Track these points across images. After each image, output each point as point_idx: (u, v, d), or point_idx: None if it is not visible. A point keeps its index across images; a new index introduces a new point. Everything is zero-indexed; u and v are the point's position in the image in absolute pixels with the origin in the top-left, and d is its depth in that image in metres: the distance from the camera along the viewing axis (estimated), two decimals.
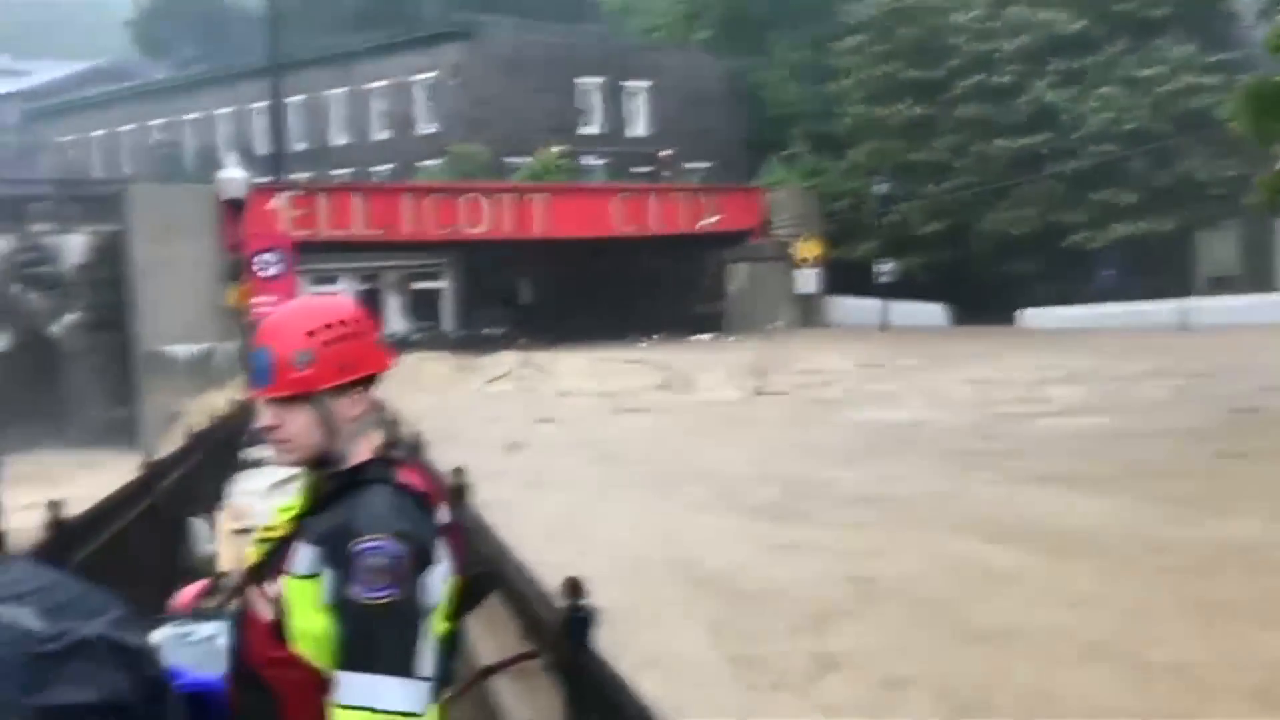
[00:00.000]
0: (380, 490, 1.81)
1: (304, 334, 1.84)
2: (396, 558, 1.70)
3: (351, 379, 1.86)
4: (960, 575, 8.59)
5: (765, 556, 9.46)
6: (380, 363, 1.92)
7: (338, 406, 1.86)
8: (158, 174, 34.89)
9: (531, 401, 20.65)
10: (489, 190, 32.15)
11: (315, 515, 1.84)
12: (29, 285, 26.14)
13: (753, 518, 10.88)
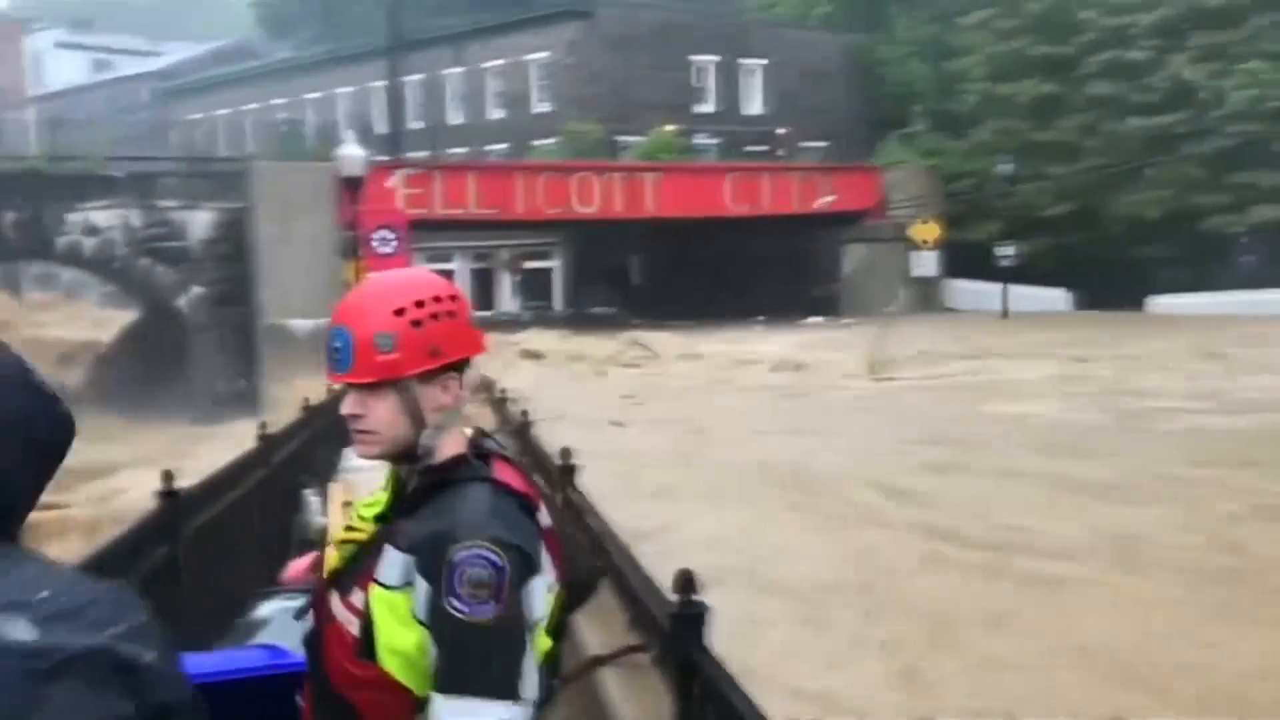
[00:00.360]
0: (478, 490, 1.63)
1: (390, 312, 1.65)
2: (499, 568, 1.53)
3: (442, 364, 1.68)
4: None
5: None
6: (474, 346, 1.73)
7: (426, 394, 1.68)
8: (279, 152, 35.65)
9: (642, 381, 20.40)
10: (601, 169, 32.08)
11: (404, 517, 1.66)
12: (157, 259, 27.01)
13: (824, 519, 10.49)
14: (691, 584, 2.53)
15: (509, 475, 1.69)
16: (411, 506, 1.65)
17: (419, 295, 1.67)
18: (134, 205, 26.72)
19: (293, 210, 26.21)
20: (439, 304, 1.67)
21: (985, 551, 8.83)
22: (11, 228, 25.90)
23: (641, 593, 3.07)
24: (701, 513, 10.47)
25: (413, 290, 1.68)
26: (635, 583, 3.17)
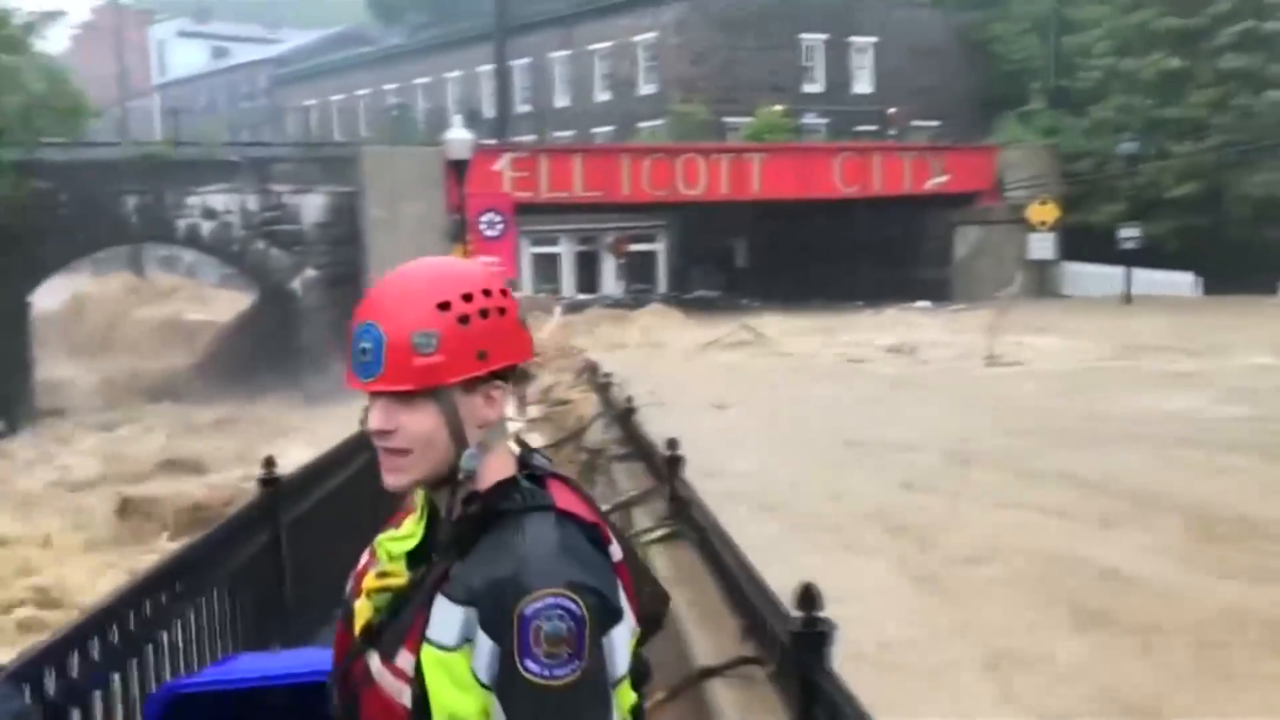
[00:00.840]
0: (541, 523, 1.37)
1: (433, 307, 1.38)
2: (579, 619, 1.29)
3: (490, 371, 1.40)
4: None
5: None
6: (524, 350, 1.46)
7: (468, 406, 1.40)
8: (390, 137, 36.21)
9: (750, 365, 19.96)
10: (706, 151, 31.78)
11: (451, 558, 1.39)
12: (272, 242, 27.64)
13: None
14: (814, 599, 2.31)
15: (571, 500, 1.42)
16: (460, 545, 1.39)
17: (467, 287, 1.40)
18: (250, 189, 27.39)
19: (401, 194, 26.58)
20: (489, 299, 1.40)
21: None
22: (134, 212, 26.77)
23: (757, 602, 2.86)
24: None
25: (459, 281, 1.41)
26: (750, 591, 2.96)
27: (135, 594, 3.07)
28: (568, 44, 42.58)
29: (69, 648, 2.60)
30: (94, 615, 2.84)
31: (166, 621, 3.33)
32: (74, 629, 2.71)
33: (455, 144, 18.65)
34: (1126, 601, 7.23)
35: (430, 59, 47.67)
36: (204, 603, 3.81)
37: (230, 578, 4.07)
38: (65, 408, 27.34)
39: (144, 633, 3.09)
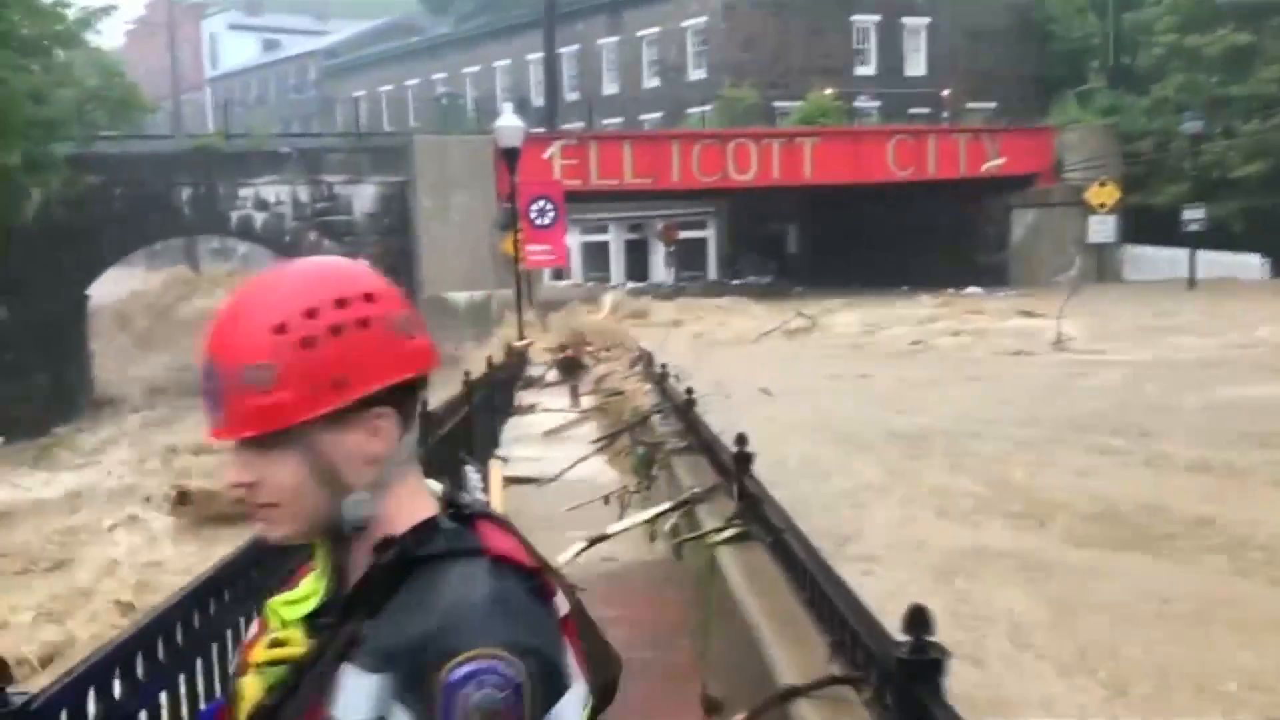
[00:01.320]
0: (469, 571, 1.09)
1: (267, 331, 1.10)
2: (516, 687, 1.03)
3: (354, 399, 1.11)
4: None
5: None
6: (403, 364, 1.14)
7: (342, 444, 1.12)
8: (439, 126, 36.20)
9: (808, 353, 19.52)
10: (757, 136, 31.43)
11: (360, 617, 1.10)
12: (324, 233, 27.71)
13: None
14: (925, 622, 2.06)
15: (504, 543, 1.13)
16: (371, 601, 1.10)
17: (311, 300, 1.10)
18: (301, 180, 27.48)
19: (451, 183, 26.54)
20: (343, 310, 1.10)
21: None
22: (188, 204, 26.96)
23: (850, 617, 2.61)
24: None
25: (302, 293, 1.11)
26: (842, 604, 2.71)
27: (181, 606, 2.89)
28: (616, 30, 42.34)
29: (114, 664, 2.44)
30: (144, 626, 2.68)
31: (217, 632, 3.16)
32: (122, 643, 2.54)
33: (506, 131, 18.48)
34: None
35: (478, 48, 47.66)
36: (254, 611, 3.63)
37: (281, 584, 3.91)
38: (123, 399, 27.64)
39: (192, 645, 2.92)
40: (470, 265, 25.95)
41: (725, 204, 37.07)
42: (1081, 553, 7.91)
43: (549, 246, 22.28)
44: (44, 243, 23.49)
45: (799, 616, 3.28)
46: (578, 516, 7.78)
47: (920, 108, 37.95)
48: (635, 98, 41.36)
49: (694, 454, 6.40)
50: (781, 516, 3.86)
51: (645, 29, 41.39)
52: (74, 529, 14.52)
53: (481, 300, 25.85)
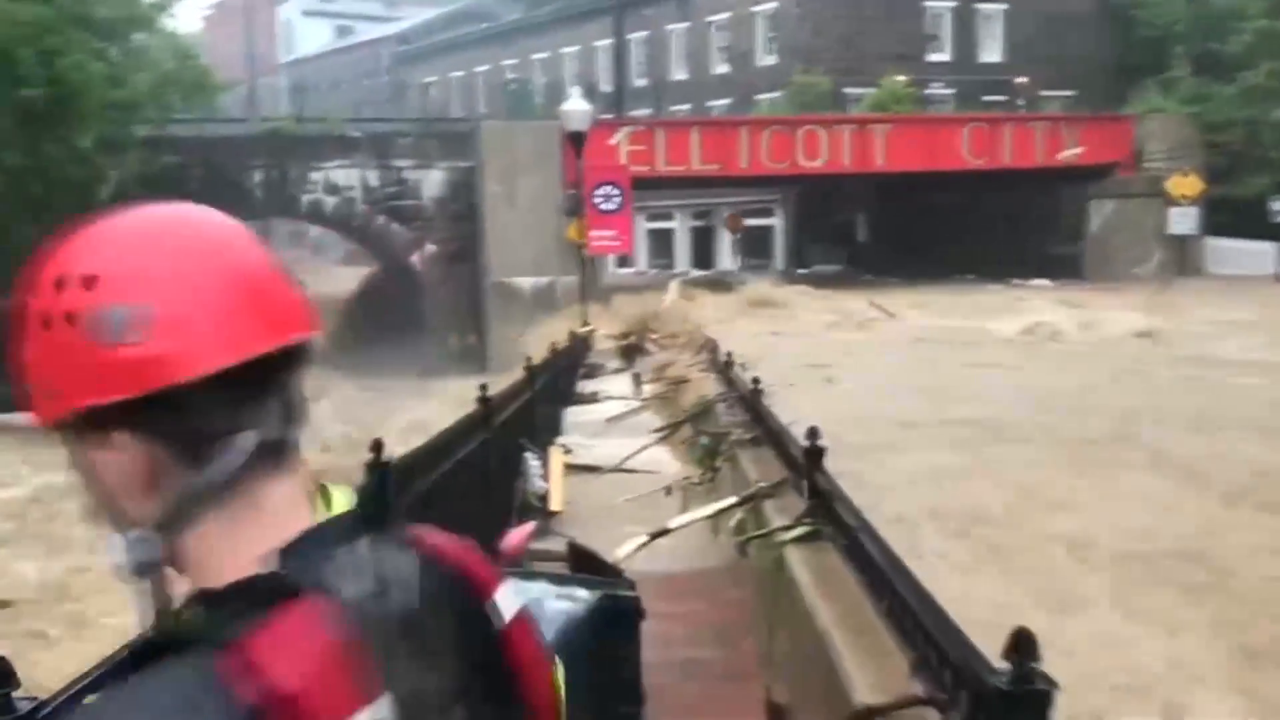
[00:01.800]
0: (167, 681, 0.78)
1: (50, 288, 0.85)
2: None
3: (69, 413, 0.85)
4: None
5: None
6: (117, 381, 0.82)
7: (105, 465, 0.86)
8: (508, 112, 36.26)
9: (879, 343, 18.88)
10: (827, 122, 30.94)
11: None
12: (392, 217, 27.86)
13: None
14: (1032, 647, 1.83)
15: (286, 648, 0.79)
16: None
17: (33, 281, 0.86)
18: (371, 165, 27.64)
19: (518, 169, 26.50)
20: (59, 296, 0.84)
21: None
22: (260, 187, 27.25)
23: (937, 635, 2.39)
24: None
25: (36, 270, 0.87)
26: (926, 618, 2.49)
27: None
28: (686, 16, 41.98)
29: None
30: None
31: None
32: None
33: (573, 115, 18.34)
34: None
35: (548, 34, 47.59)
36: None
37: None
38: None
39: None
40: (536, 251, 25.91)
41: (793, 192, 36.62)
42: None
43: (614, 232, 22.12)
44: None
45: (875, 626, 3.06)
46: (638, 508, 7.61)
47: (995, 95, 37.11)
48: (704, 84, 41.00)
49: (760, 446, 6.18)
50: (856, 516, 3.63)
51: (715, 14, 41.00)
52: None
53: (546, 286, 25.80)
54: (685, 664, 4.96)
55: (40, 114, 19.59)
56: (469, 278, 27.37)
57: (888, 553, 3.12)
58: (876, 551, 3.21)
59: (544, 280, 25.83)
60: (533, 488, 7.95)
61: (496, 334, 25.43)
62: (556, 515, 7.74)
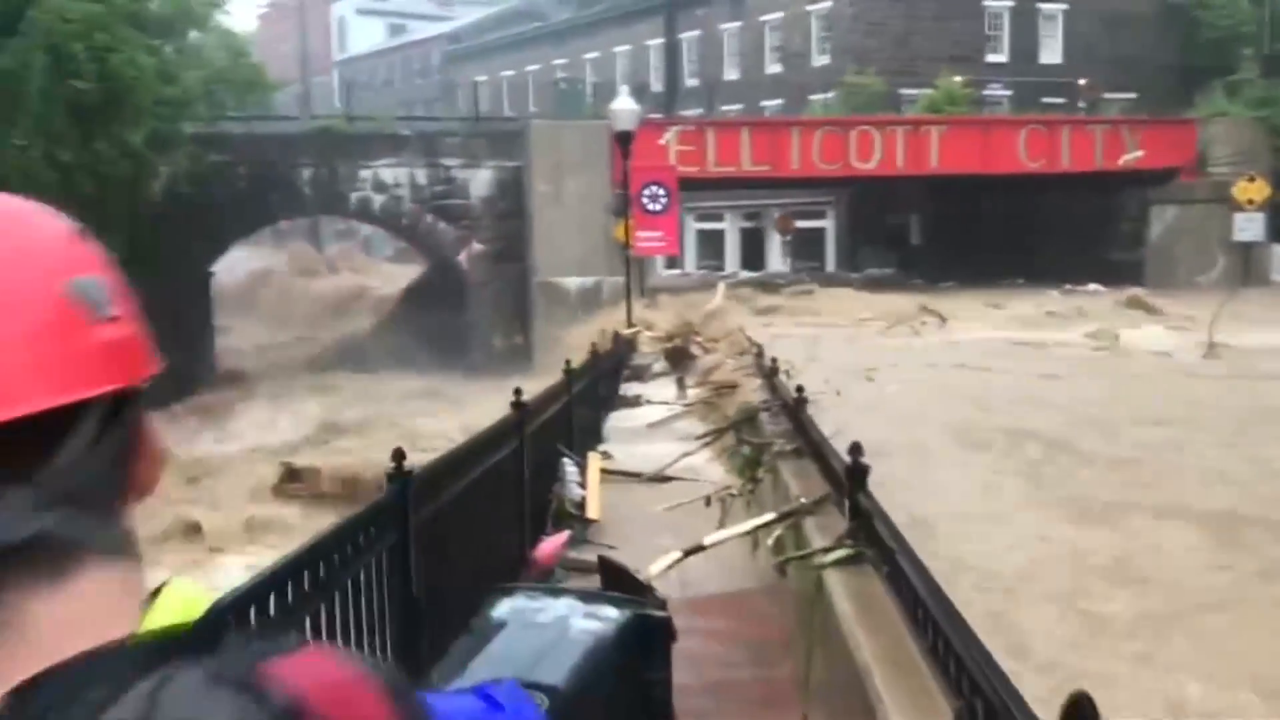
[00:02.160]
0: None
1: None
2: None
3: None
4: None
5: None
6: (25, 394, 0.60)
7: None
8: (557, 111, 36.16)
9: (931, 350, 17.93)
10: (881, 123, 30.49)
11: None
12: (440, 216, 27.84)
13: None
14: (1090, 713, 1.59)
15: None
16: None
17: None
18: (419, 163, 27.65)
19: (566, 168, 26.37)
20: None
21: None
22: (308, 184, 27.35)
23: (984, 684, 2.13)
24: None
25: None
26: (972, 664, 2.23)
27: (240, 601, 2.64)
28: (739, 15, 41.66)
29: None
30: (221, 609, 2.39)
31: (298, 618, 3.00)
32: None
33: (621, 114, 18.13)
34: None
35: (599, 33, 47.47)
36: (322, 610, 3.36)
37: (352, 584, 3.61)
38: (244, 375, 28.29)
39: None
40: (583, 251, 25.76)
41: (845, 193, 36.17)
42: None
43: (661, 233, 21.88)
44: (169, 219, 24.01)
45: (917, 664, 2.82)
46: (676, 517, 7.38)
47: (1054, 97, 36.38)
48: (756, 84, 40.65)
49: (803, 458, 5.94)
50: (899, 541, 3.38)
51: (768, 14, 40.63)
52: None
53: (592, 287, 25.64)
54: (718, 687, 4.74)
55: (91, 110, 19.75)
56: (515, 277, 27.29)
57: (931, 585, 2.88)
58: (920, 582, 2.96)
59: (590, 281, 25.66)
60: (569, 494, 7.75)
61: (542, 334, 25.31)
62: (593, 523, 7.55)
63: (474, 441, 5.38)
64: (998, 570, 6.78)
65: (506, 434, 6.10)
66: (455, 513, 4.86)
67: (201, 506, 15.37)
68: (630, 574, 4.53)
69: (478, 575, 5.14)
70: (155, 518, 13.58)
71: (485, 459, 5.51)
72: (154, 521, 13.45)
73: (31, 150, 19.00)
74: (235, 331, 32.48)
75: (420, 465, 4.45)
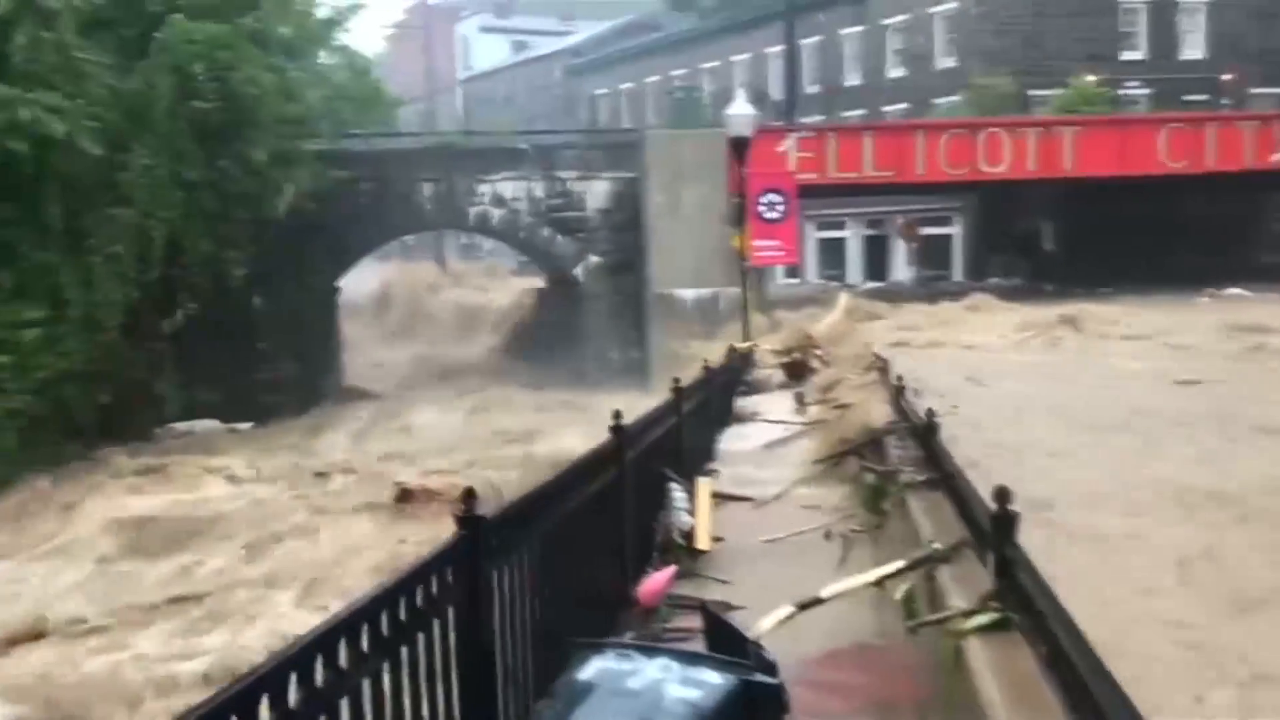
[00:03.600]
0: None
1: None
2: None
3: None
4: None
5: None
6: None
7: None
8: (674, 120, 35.81)
9: (1072, 364, 16.02)
10: (1011, 126, 29.23)
11: None
12: (557, 229, 27.71)
13: None
14: None
15: None
16: None
17: None
18: (537, 177, 27.60)
19: (683, 178, 25.98)
20: None
21: None
22: (429, 199, 27.53)
23: None
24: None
25: None
26: None
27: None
28: (860, 20, 40.74)
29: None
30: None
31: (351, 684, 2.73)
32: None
33: (737, 120, 17.57)
34: None
35: (718, 43, 47.03)
36: (385, 670, 2.96)
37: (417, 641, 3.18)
38: (369, 388, 28.61)
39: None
40: (699, 262, 25.30)
41: (973, 199, 34.91)
42: None
43: (779, 242, 21.18)
44: (294, 235, 24.40)
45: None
46: (792, 549, 6.80)
47: (1196, 94, 34.46)
48: (878, 88, 39.63)
49: (936, 490, 5.30)
50: (1059, 613, 2.77)
51: (891, 17, 39.60)
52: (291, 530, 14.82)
53: (709, 298, 25.14)
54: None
55: (215, 129, 20.13)
56: (631, 289, 26.99)
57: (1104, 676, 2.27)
58: (1089, 671, 2.36)
59: (707, 292, 25.16)
60: (677, 523, 7.22)
61: (658, 347, 24.90)
62: (702, 555, 7.01)
63: (566, 472, 4.90)
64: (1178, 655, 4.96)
65: (604, 461, 5.62)
66: (541, 553, 4.39)
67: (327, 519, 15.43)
68: (736, 630, 3.98)
69: (569, 618, 4.66)
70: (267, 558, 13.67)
71: (579, 490, 5.03)
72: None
73: (158, 169, 19.45)
74: (360, 345, 32.94)
75: (499, 505, 4.00)
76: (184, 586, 12.80)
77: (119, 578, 13.30)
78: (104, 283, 18.85)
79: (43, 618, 11.59)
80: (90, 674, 10.15)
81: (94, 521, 15.47)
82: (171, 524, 15.10)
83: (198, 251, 20.72)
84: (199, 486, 17.71)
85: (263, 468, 19.18)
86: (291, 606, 11.76)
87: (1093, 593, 4.33)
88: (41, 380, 17.89)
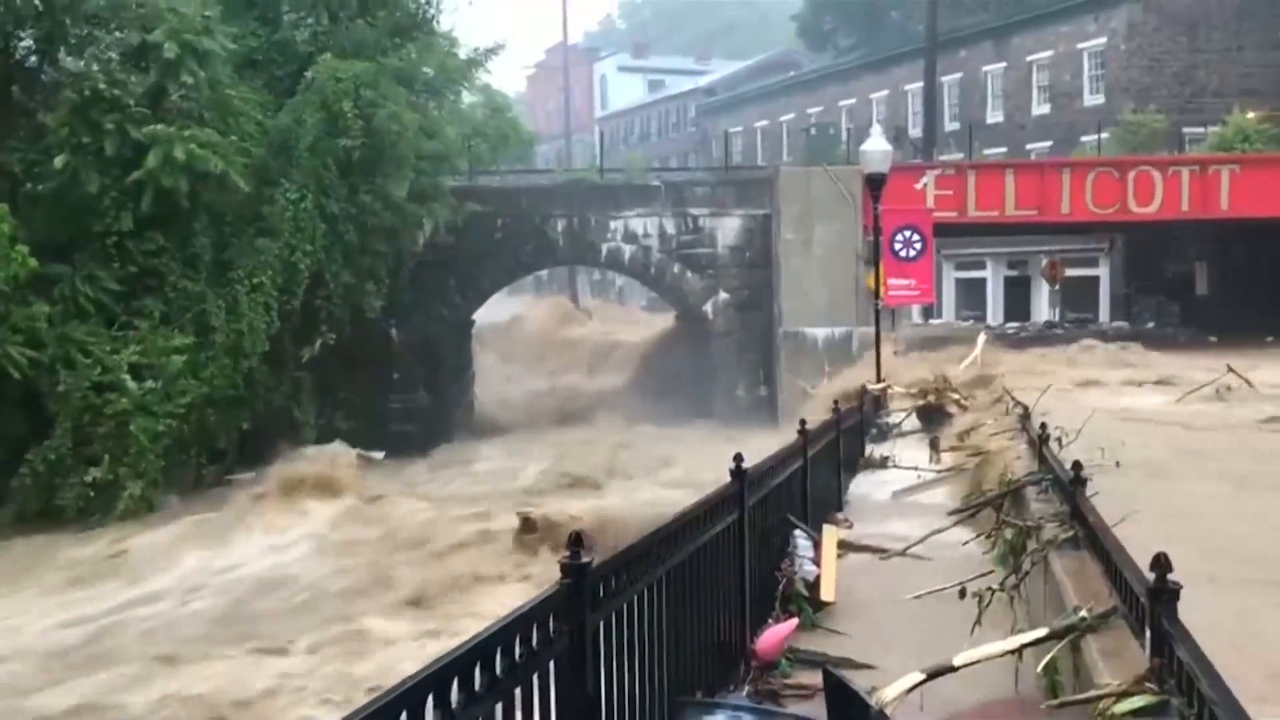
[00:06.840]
0: None
1: None
2: None
3: None
4: None
5: None
6: None
7: None
8: (808, 157, 35.44)
9: (1233, 424, 13.41)
10: (1163, 164, 27.96)
11: None
12: (687, 265, 27.63)
13: None
14: None
15: None
16: None
17: None
18: (668, 213, 27.62)
19: (815, 215, 25.62)
20: None
21: None
22: (561, 235, 27.79)
23: None
24: None
25: None
26: None
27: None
28: (1003, 55, 39.78)
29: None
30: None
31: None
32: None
33: (871, 155, 17.14)
34: None
35: (855, 80, 46.60)
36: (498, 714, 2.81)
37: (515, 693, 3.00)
38: (501, 420, 28.93)
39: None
40: (831, 300, 24.85)
41: (1120, 239, 33.54)
42: None
43: (913, 281, 20.53)
44: (431, 269, 24.91)
45: None
46: (924, 606, 6.41)
47: None
48: (1021, 126, 38.55)
49: (1080, 550, 4.89)
50: (1229, 701, 2.42)
51: (1036, 54, 38.53)
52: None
53: (840, 337, 24.64)
54: None
55: (358, 164, 20.70)
56: (760, 327, 26.69)
57: None
58: None
59: (838, 330, 24.68)
60: (801, 572, 6.91)
61: (787, 386, 24.48)
62: (826, 607, 6.69)
63: (680, 517, 4.67)
64: None
65: (723, 506, 5.37)
66: (653, 600, 4.17)
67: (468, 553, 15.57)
68: (860, 695, 3.69)
69: (682, 670, 4.43)
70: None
71: (695, 535, 4.80)
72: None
73: (303, 202, 20.07)
74: (493, 378, 33.39)
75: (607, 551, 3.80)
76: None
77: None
78: (248, 311, 19.49)
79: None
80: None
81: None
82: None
83: (338, 282, 21.30)
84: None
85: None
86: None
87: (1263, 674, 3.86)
88: (186, 405, 18.53)
